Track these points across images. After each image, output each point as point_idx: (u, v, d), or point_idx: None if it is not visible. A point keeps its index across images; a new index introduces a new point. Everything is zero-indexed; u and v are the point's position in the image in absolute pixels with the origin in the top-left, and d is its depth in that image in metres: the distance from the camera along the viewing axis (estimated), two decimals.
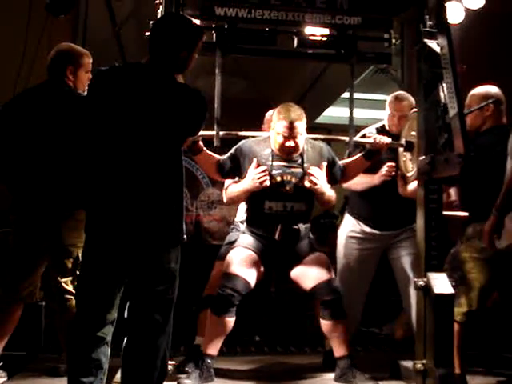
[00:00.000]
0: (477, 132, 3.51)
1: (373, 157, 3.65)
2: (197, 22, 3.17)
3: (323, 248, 4.07)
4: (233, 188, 3.63)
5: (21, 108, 3.36)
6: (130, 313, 2.66)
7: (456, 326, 3.31)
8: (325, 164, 3.58)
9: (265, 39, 3.46)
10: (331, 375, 3.62)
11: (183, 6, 3.32)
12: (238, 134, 3.61)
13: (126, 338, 2.65)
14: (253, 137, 3.67)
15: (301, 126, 3.50)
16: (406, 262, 3.87)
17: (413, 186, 3.60)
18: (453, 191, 4.22)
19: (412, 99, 3.88)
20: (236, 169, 3.61)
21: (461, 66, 3.29)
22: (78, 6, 5.18)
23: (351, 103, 3.59)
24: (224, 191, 3.73)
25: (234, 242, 3.79)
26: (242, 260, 3.54)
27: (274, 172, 3.53)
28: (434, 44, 3.25)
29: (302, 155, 3.59)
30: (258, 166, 3.51)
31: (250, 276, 3.51)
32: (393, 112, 3.94)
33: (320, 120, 7.95)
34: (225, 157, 3.64)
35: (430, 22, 3.30)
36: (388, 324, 5.02)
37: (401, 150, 3.71)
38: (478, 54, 5.09)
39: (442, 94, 3.17)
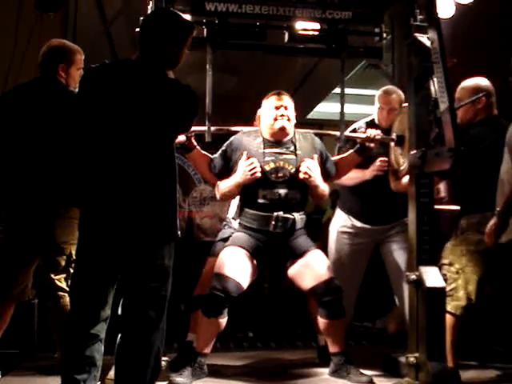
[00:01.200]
0: (470, 124, 3.51)
1: (364, 152, 3.65)
2: (187, 17, 3.16)
3: (315, 243, 4.07)
4: (225, 183, 3.59)
5: (13, 104, 3.33)
6: (124, 310, 2.65)
7: (453, 320, 3.31)
8: (315, 156, 3.57)
9: (255, 34, 3.46)
10: (325, 370, 3.63)
11: (173, 2, 3.30)
12: (230, 130, 3.61)
13: (119, 335, 2.64)
14: None
15: (290, 100, 3.56)
16: (398, 256, 3.87)
17: (405, 180, 3.61)
18: (442, 187, 4.23)
19: (401, 93, 3.90)
20: (228, 165, 3.58)
21: (451, 60, 3.29)
22: (67, 3, 5.16)
23: (342, 98, 3.59)
24: (216, 187, 3.71)
25: (226, 238, 3.76)
26: (233, 261, 3.46)
27: (266, 158, 3.51)
28: (424, 38, 3.25)
29: (293, 143, 3.58)
30: (248, 158, 3.49)
31: (242, 277, 3.43)
32: (382, 105, 3.95)
33: (312, 115, 7.97)
34: (216, 154, 3.62)
35: (421, 16, 3.30)
36: (381, 318, 5.02)
37: (392, 144, 3.72)
38: (468, 48, 5.10)
39: (432, 89, 3.18)
